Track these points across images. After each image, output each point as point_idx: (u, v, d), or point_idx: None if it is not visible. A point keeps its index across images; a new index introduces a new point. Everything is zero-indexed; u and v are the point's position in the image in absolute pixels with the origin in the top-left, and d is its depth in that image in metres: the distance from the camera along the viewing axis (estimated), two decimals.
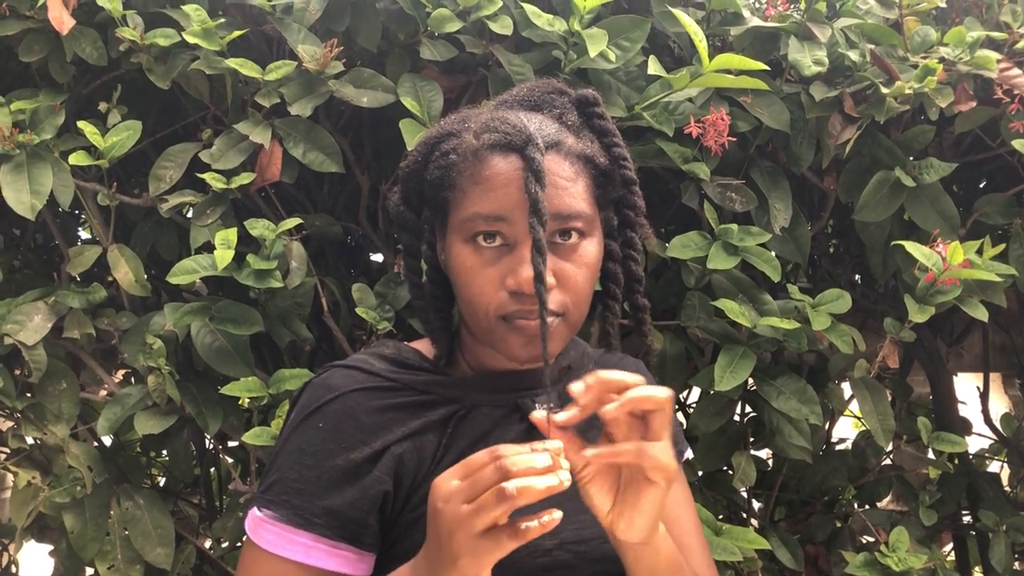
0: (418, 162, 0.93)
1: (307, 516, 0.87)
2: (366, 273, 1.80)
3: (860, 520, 1.73)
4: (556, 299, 0.87)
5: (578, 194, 0.88)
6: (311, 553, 0.87)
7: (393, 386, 0.92)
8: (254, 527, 0.89)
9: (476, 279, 0.87)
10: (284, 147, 1.44)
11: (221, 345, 1.41)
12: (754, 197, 1.49)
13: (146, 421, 1.42)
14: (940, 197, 1.53)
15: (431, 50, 1.43)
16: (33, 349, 1.42)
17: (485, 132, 0.89)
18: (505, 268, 0.86)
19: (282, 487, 0.88)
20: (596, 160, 0.91)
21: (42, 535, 1.63)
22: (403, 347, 1.00)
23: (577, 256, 0.88)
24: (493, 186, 0.86)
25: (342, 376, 0.93)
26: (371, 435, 0.89)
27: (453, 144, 0.90)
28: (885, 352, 1.52)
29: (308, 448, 0.89)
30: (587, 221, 0.88)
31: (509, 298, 0.86)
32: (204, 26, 1.39)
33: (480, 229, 0.87)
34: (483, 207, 0.86)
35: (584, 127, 0.93)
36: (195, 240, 1.43)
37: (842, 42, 1.49)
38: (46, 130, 1.43)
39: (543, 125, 0.89)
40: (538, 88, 0.96)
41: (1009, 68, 1.47)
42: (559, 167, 0.87)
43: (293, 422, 0.92)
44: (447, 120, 0.94)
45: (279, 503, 0.88)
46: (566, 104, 0.94)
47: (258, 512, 0.89)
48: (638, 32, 1.43)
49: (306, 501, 0.87)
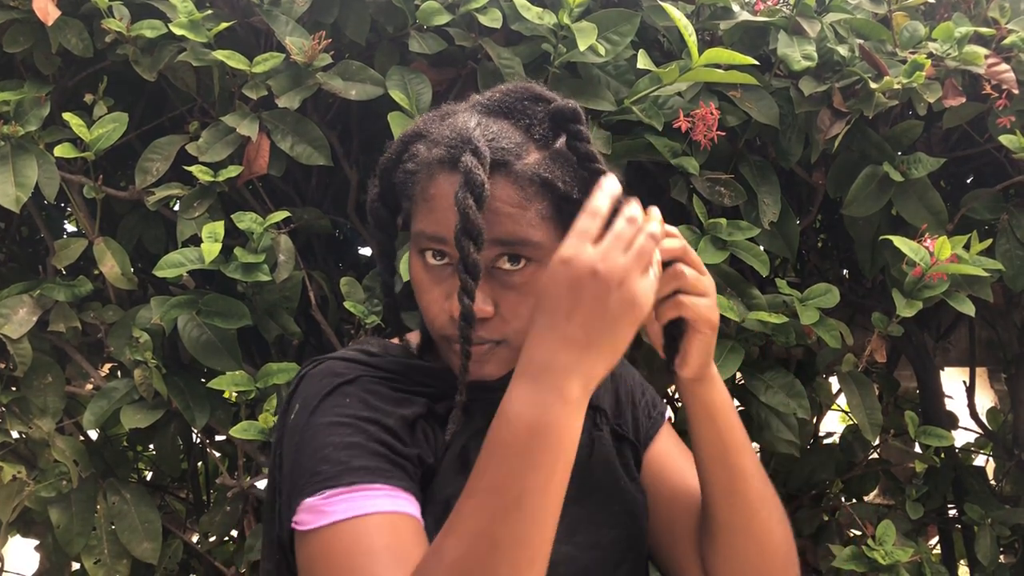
0: (391, 160, 0.90)
1: (375, 471, 0.80)
2: (354, 267, 1.79)
3: (847, 514, 1.74)
4: (495, 327, 0.84)
5: (526, 221, 0.81)
6: (397, 500, 0.80)
7: (394, 376, 0.90)
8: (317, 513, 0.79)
9: (424, 296, 0.87)
10: (272, 140, 1.44)
11: (208, 339, 1.41)
12: (743, 192, 1.50)
13: (133, 415, 1.42)
14: (928, 192, 1.53)
15: (420, 43, 1.42)
16: (18, 343, 1.41)
17: (436, 144, 0.85)
18: (448, 289, 0.84)
19: (332, 462, 0.80)
20: (555, 185, 0.83)
21: (28, 530, 1.63)
22: (388, 344, 0.98)
23: (524, 284, 0.84)
24: (434, 207, 0.83)
25: (343, 366, 0.90)
26: (399, 405, 0.86)
27: (417, 149, 0.87)
28: (873, 347, 1.52)
29: (342, 420, 0.83)
30: (536, 248, 0.82)
31: (449, 321, 0.84)
32: (191, 18, 1.38)
33: (426, 247, 0.85)
34: (426, 227, 0.84)
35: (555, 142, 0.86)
36: (182, 233, 1.42)
37: (831, 37, 1.49)
38: (31, 122, 1.42)
39: (499, 138, 0.82)
40: (515, 92, 0.88)
41: (997, 63, 1.48)
42: (504, 191, 0.81)
43: (307, 409, 0.85)
44: (428, 115, 0.91)
45: (337, 475, 0.79)
46: (540, 114, 0.86)
47: (312, 499, 0.79)
48: (628, 26, 1.43)
49: (366, 460, 0.80)
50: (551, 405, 0.72)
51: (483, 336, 0.84)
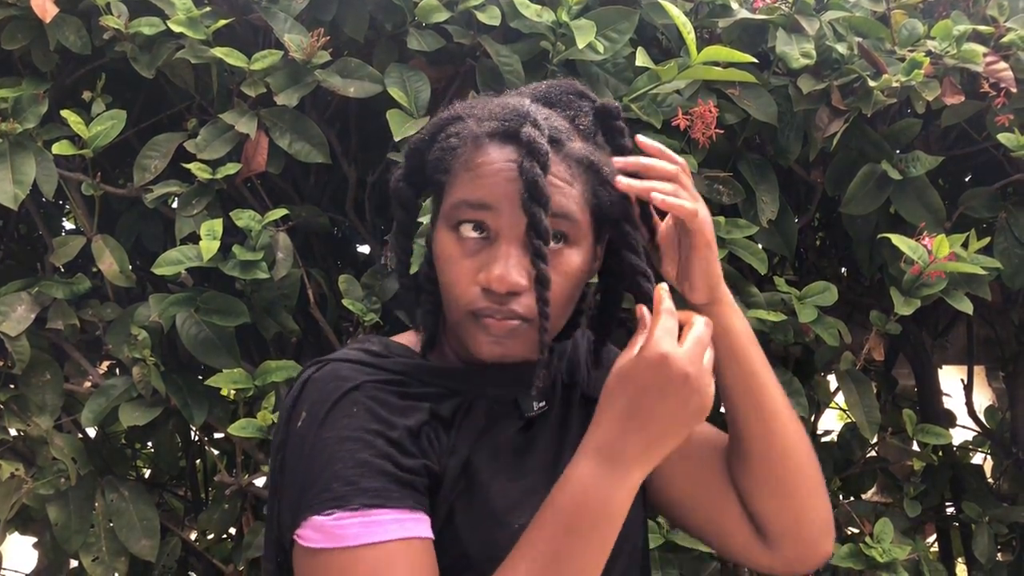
0: (424, 141, 0.91)
1: (384, 494, 0.80)
2: (353, 265, 1.79)
3: (845, 511, 1.74)
4: (524, 303, 0.84)
5: (571, 196, 0.84)
6: (405, 525, 0.80)
7: (399, 378, 0.89)
8: (327, 534, 0.79)
9: (453, 269, 0.86)
10: (270, 137, 1.43)
11: (207, 336, 1.40)
12: (741, 190, 1.50)
13: (131, 413, 1.42)
14: (926, 190, 1.53)
15: (419, 40, 1.42)
16: (16, 340, 1.41)
17: (487, 119, 0.86)
18: (481, 262, 0.84)
19: (342, 480, 0.81)
20: (600, 169, 0.86)
21: (26, 527, 1.63)
22: (390, 342, 0.97)
23: (557, 262, 0.84)
24: (483, 173, 0.84)
25: (348, 368, 0.88)
26: (403, 415, 0.86)
27: (458, 128, 0.88)
28: (871, 345, 1.52)
29: (351, 434, 0.83)
30: (575, 226, 0.85)
31: (480, 293, 0.84)
32: (189, 15, 1.37)
33: (464, 217, 0.85)
34: (470, 194, 0.85)
35: (596, 136, 0.90)
36: (180, 231, 1.42)
37: (830, 35, 1.49)
38: (29, 119, 1.42)
39: (551, 118, 0.86)
40: (557, 87, 0.92)
41: (995, 62, 1.48)
42: (556, 167, 0.83)
43: (315, 418, 0.85)
44: (461, 104, 0.92)
45: (348, 495, 0.80)
46: (583, 108, 0.90)
47: (323, 517, 0.80)
48: (626, 24, 1.43)
49: (375, 481, 0.81)
50: (617, 490, 0.80)
51: (515, 311, 0.84)
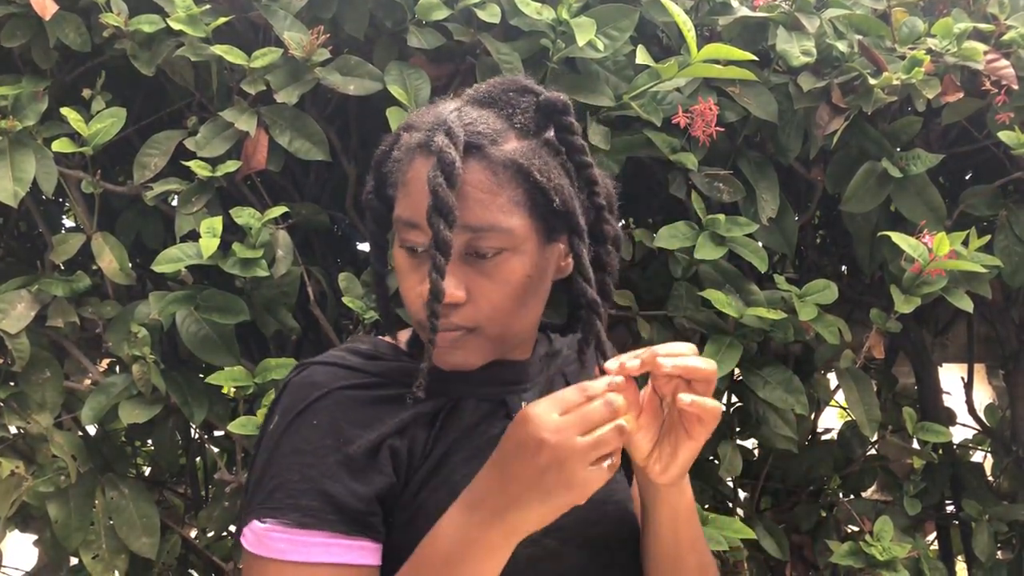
0: (384, 153, 0.91)
1: (319, 515, 0.82)
2: (353, 262, 1.79)
3: (845, 510, 1.74)
4: (467, 314, 0.84)
5: (497, 207, 0.81)
6: (331, 550, 0.82)
7: (378, 381, 0.90)
8: (259, 541, 0.83)
9: (403, 283, 0.87)
10: (270, 135, 1.43)
11: (206, 334, 1.41)
12: (742, 187, 1.50)
13: (131, 410, 1.42)
14: (927, 188, 1.53)
15: (418, 38, 1.42)
16: (16, 338, 1.41)
17: (417, 130, 0.86)
18: (423, 274, 0.83)
19: (285, 492, 0.83)
20: (530, 172, 0.82)
21: (26, 525, 1.63)
22: (379, 341, 0.98)
23: (496, 272, 0.83)
24: (409, 191, 0.84)
25: (324, 373, 0.89)
26: (366, 428, 0.86)
27: (403, 140, 0.88)
28: (871, 343, 1.52)
29: (305, 447, 0.84)
30: (506, 235, 0.82)
31: (423, 305, 0.83)
32: (189, 12, 1.37)
33: (401, 235, 0.85)
34: (402, 211, 0.85)
35: (542, 133, 0.86)
36: (180, 228, 1.42)
37: (830, 32, 1.49)
38: (29, 116, 1.42)
39: (477, 123, 0.82)
40: (499, 84, 0.88)
41: (996, 59, 1.48)
42: (476, 176, 0.81)
43: (280, 424, 0.87)
44: (416, 112, 0.92)
45: (285, 508, 0.82)
46: (525, 104, 0.86)
47: (260, 524, 0.83)
48: (626, 21, 1.43)
49: (314, 500, 0.82)
50: (472, 542, 0.78)
51: (455, 323, 0.84)
